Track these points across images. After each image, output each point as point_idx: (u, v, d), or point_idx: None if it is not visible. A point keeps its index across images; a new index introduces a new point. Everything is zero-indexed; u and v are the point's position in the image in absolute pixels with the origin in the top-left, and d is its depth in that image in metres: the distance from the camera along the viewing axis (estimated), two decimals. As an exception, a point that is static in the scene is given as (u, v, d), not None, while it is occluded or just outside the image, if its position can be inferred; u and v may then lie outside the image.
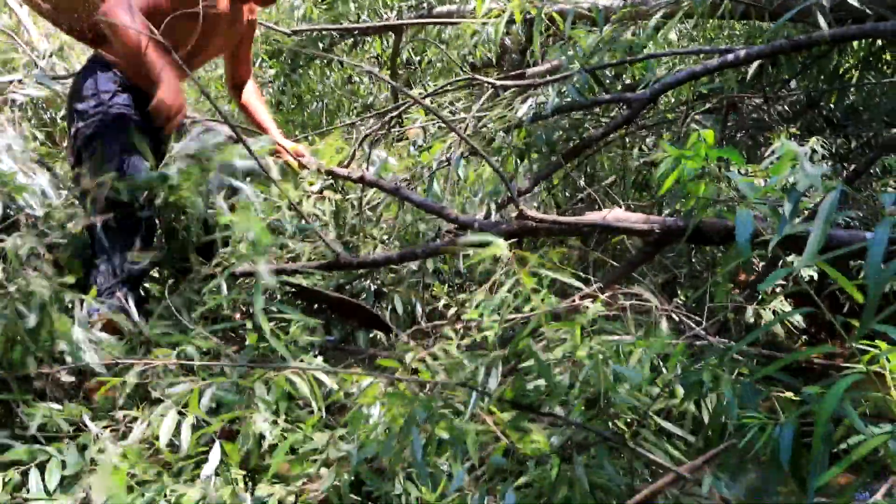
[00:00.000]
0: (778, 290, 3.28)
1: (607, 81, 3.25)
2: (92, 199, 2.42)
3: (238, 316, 2.77)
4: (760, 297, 2.97)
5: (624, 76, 3.41)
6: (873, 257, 1.41)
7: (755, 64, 2.97)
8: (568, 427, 1.85)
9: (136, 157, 2.51)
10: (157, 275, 2.93)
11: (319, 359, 2.36)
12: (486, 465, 1.87)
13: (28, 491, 1.77)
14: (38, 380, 2.12)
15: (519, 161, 2.92)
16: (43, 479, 1.78)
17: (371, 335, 3.00)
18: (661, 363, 2.01)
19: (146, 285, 2.76)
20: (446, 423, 1.76)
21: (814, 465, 1.49)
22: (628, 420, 1.97)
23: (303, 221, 2.70)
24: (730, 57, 2.59)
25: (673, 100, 3.66)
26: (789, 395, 1.98)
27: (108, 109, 2.56)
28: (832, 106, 3.73)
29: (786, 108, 3.91)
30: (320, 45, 4.39)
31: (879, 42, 3.22)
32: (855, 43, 3.14)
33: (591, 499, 1.81)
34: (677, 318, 2.24)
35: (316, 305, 2.97)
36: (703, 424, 1.97)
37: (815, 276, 3.14)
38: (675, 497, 1.84)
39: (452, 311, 2.39)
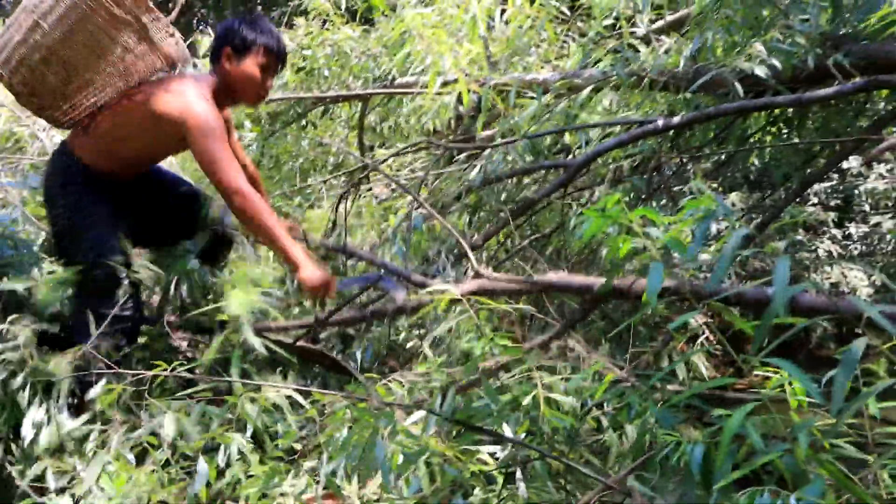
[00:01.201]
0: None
1: (546, 147, 3.41)
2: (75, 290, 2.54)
3: None
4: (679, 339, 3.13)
5: (560, 143, 3.57)
6: (777, 284, 1.56)
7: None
8: (511, 445, 1.96)
9: (109, 245, 2.54)
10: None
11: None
12: (439, 480, 1.98)
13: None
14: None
15: (471, 219, 3.06)
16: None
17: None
18: (590, 398, 2.13)
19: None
20: (405, 438, 1.87)
21: (718, 475, 1.63)
22: (562, 439, 2.08)
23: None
24: (650, 126, 2.79)
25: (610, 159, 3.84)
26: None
27: (78, 203, 2.58)
28: (747, 165, 3.95)
29: (707, 165, 4.13)
30: (297, 111, 4.55)
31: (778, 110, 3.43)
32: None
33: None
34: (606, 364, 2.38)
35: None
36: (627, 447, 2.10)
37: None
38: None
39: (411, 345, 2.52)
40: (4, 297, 2.51)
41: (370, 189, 4.10)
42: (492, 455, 1.98)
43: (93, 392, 2.24)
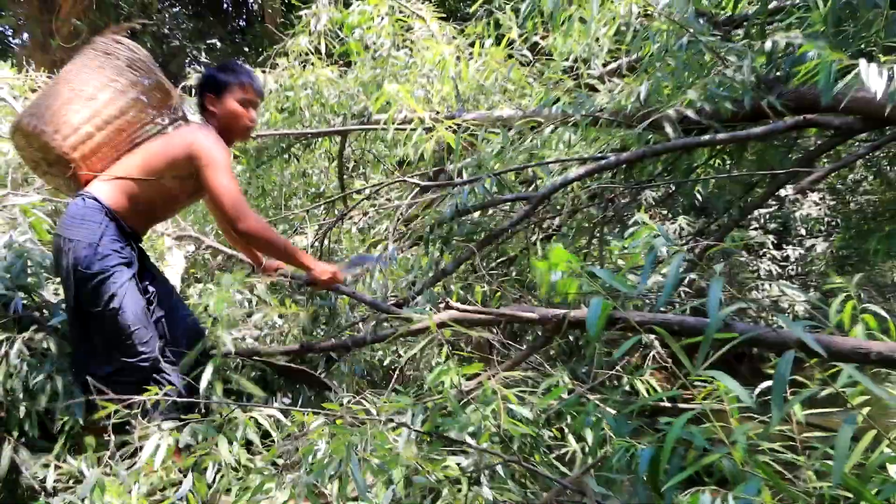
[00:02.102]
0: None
1: (512, 180, 3.49)
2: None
3: None
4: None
5: (523, 175, 3.66)
6: (711, 302, 1.64)
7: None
8: (475, 453, 2.02)
9: (129, 297, 2.50)
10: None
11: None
12: (411, 486, 2.03)
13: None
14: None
15: (444, 248, 3.13)
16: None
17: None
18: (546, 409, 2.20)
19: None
20: (379, 451, 1.92)
21: (666, 476, 1.70)
22: (524, 446, 2.14)
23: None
24: (604, 162, 2.88)
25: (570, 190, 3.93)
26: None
27: (105, 261, 2.48)
28: (693, 194, 4.07)
29: (657, 195, 4.23)
30: (281, 146, 4.61)
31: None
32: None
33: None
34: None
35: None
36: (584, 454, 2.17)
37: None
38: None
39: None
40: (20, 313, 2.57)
41: (350, 218, 4.16)
42: (458, 465, 2.02)
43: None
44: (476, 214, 3.16)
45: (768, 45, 2.82)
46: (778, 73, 3.12)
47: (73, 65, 2.67)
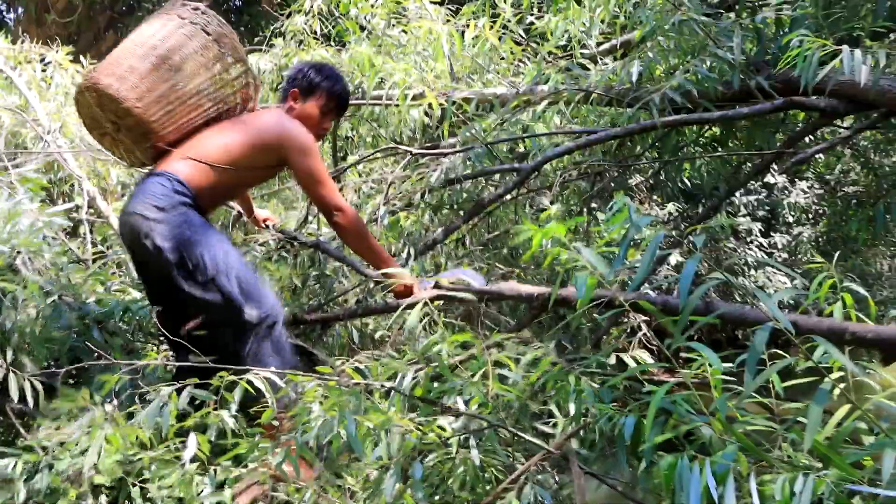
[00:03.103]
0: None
1: (504, 154, 3.50)
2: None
3: None
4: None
5: (516, 150, 3.67)
6: (683, 281, 1.66)
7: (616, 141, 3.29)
8: (464, 417, 2.04)
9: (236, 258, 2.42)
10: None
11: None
12: (401, 447, 2.06)
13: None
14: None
15: (433, 217, 3.14)
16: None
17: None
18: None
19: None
20: (371, 412, 1.95)
21: (647, 438, 1.72)
22: (511, 412, 2.16)
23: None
24: (593, 136, 2.89)
25: (560, 166, 3.95)
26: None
27: (199, 233, 2.35)
28: (682, 178, 4.09)
29: (648, 180, 4.25)
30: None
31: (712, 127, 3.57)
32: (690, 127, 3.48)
33: (481, 474, 2.01)
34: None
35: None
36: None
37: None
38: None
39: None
40: None
41: (341, 189, 4.15)
42: (448, 427, 2.04)
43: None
44: (468, 184, 3.17)
45: (758, 17, 2.82)
46: (767, 57, 3.14)
47: (157, 28, 2.53)
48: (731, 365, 1.75)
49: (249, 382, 2.00)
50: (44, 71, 4.57)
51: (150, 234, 2.29)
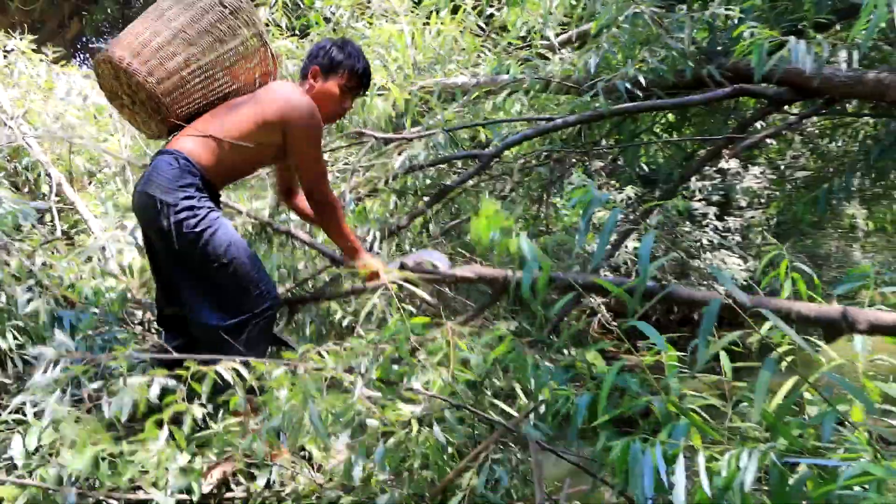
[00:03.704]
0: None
1: (466, 142, 3.51)
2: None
3: None
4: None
5: (477, 138, 3.68)
6: (643, 250, 1.69)
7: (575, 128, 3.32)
8: (425, 399, 2.06)
9: (241, 244, 2.37)
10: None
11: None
12: (365, 430, 2.07)
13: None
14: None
15: (397, 203, 3.14)
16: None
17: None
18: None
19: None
20: (334, 397, 1.95)
21: (600, 413, 1.76)
22: (471, 393, 2.19)
23: None
24: (550, 124, 2.92)
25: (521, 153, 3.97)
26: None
27: (207, 217, 2.30)
28: (639, 163, 4.13)
29: (607, 165, 4.29)
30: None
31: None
32: (645, 114, 3.53)
33: (443, 453, 2.03)
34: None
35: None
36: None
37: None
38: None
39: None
40: None
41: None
42: (410, 411, 2.06)
43: None
44: (431, 171, 3.17)
45: (707, 13, 2.87)
46: (718, 47, 3.18)
47: (173, 1, 2.45)
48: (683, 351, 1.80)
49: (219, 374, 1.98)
50: (6, 57, 4.49)
51: (155, 215, 2.26)
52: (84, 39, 12.01)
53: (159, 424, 1.91)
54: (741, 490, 1.38)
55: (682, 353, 1.87)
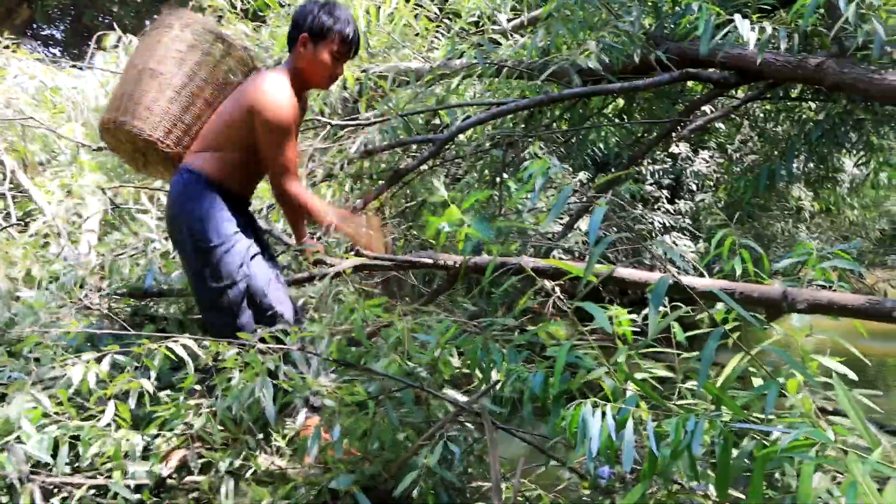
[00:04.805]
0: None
1: (421, 126, 3.48)
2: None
3: None
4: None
5: (432, 122, 3.66)
6: (592, 226, 1.69)
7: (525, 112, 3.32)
8: (380, 379, 2.04)
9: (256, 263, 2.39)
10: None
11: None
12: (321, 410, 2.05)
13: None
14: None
15: (352, 187, 3.10)
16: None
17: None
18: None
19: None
20: (290, 377, 1.93)
21: (554, 391, 1.76)
22: (426, 373, 2.18)
23: None
24: (503, 108, 2.90)
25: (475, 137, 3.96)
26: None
27: (221, 232, 2.33)
28: (591, 147, 4.16)
29: (561, 149, 4.30)
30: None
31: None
32: (595, 98, 3.54)
33: (398, 432, 2.02)
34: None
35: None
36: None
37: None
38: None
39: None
40: None
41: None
42: (365, 390, 2.04)
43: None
44: (386, 155, 3.14)
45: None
46: (665, 31, 3.20)
47: (142, 48, 2.48)
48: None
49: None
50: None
51: (181, 229, 2.34)
52: (35, 26, 11.65)
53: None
54: (690, 454, 1.40)
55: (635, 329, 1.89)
